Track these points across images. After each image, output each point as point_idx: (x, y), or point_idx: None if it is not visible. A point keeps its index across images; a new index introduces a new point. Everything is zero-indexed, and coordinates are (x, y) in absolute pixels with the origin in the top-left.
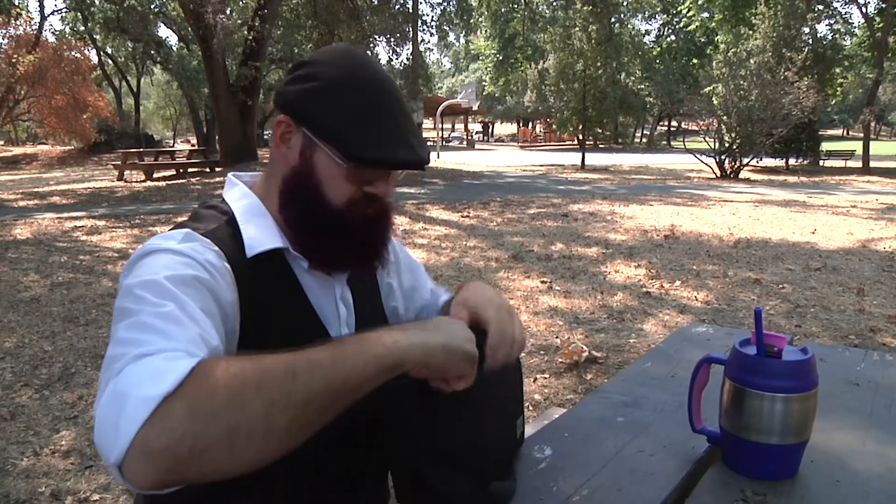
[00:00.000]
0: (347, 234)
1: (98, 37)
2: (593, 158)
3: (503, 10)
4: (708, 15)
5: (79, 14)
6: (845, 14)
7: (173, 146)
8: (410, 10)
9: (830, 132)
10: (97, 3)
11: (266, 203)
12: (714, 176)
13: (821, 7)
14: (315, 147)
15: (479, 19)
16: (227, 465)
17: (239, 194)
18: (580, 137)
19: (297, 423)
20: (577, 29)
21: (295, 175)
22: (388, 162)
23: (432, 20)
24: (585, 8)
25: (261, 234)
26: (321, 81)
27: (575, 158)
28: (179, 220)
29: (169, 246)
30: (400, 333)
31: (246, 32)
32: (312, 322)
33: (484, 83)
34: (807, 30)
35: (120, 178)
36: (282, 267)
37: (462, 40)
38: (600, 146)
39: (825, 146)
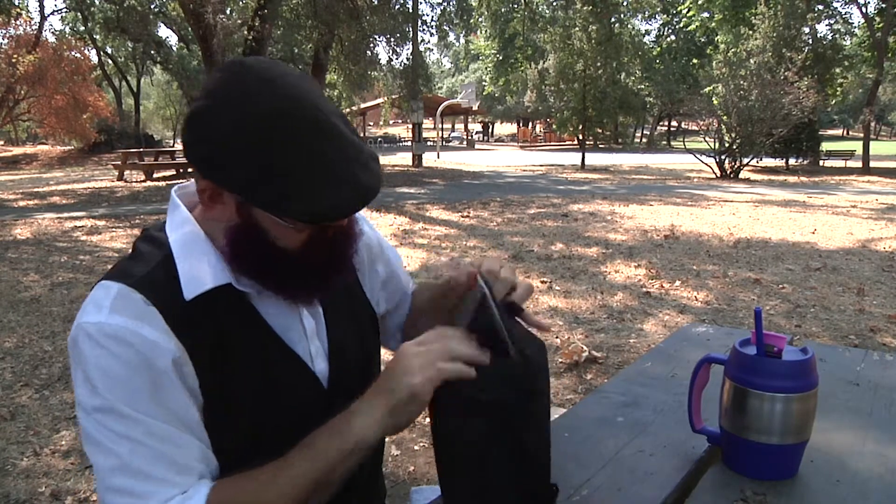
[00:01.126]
0: (309, 269)
1: (98, 37)
2: (593, 158)
3: (503, 10)
4: (708, 15)
5: (79, 14)
6: (845, 14)
7: (173, 146)
8: (410, 10)
9: (830, 132)
10: (97, 3)
11: (205, 225)
12: (714, 176)
13: (821, 7)
14: (250, 207)
15: (479, 19)
16: None
17: (178, 221)
18: (580, 137)
19: None
20: (577, 29)
21: (238, 232)
22: (332, 216)
23: (432, 20)
24: (585, 8)
25: (200, 271)
26: (222, 132)
27: (575, 158)
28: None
29: (99, 321)
30: (354, 418)
31: (246, 32)
32: (277, 347)
33: (484, 83)
34: (807, 30)
35: (120, 178)
36: (230, 299)
37: (462, 40)
38: (600, 146)
39: (825, 146)
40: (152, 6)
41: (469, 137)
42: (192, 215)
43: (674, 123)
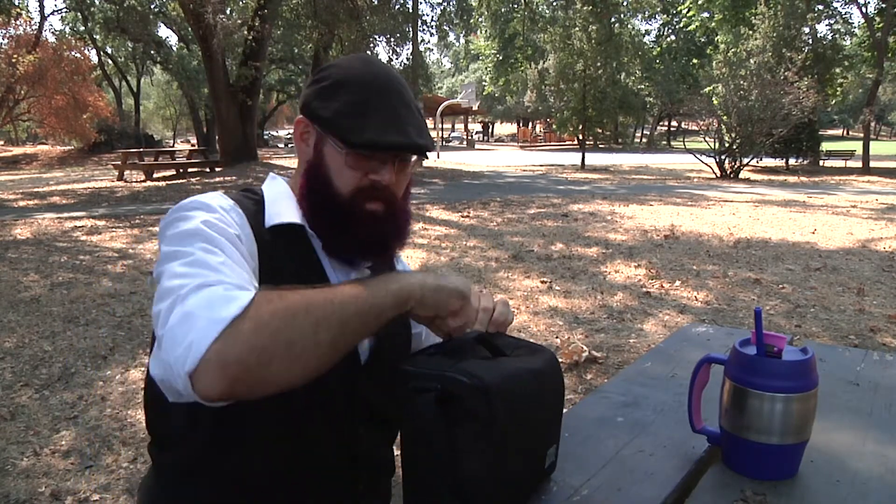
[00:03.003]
0: (352, 222)
1: (98, 37)
2: (593, 158)
3: (503, 10)
4: (708, 15)
5: (79, 14)
6: (845, 14)
7: (173, 146)
8: (410, 10)
9: (830, 132)
10: (97, 3)
11: (295, 193)
12: (714, 176)
13: (821, 7)
14: (324, 140)
15: (479, 19)
16: (285, 375)
17: (272, 184)
18: (580, 137)
19: (336, 342)
20: (577, 29)
21: (310, 167)
22: (378, 144)
23: (432, 20)
24: (585, 8)
25: (282, 210)
26: (328, 80)
27: (575, 158)
28: None
29: (206, 201)
30: (407, 276)
31: (246, 32)
32: None
33: (484, 83)
34: (807, 30)
35: (120, 178)
36: (302, 242)
37: (462, 40)
38: (600, 146)
39: (825, 146)
40: (152, 6)
41: (469, 137)
42: (286, 184)
43: (674, 123)
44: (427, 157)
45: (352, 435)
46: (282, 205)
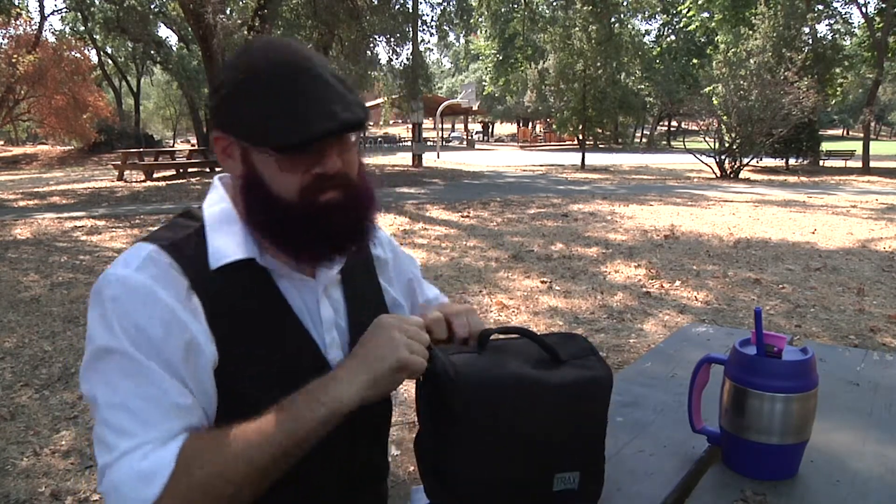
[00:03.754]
0: (311, 223)
1: (98, 37)
2: (593, 158)
3: (503, 10)
4: (708, 15)
5: (79, 14)
6: (845, 14)
7: (173, 146)
8: (410, 10)
9: (830, 132)
10: (97, 3)
11: (239, 208)
12: (714, 176)
13: (821, 7)
14: (250, 149)
15: (479, 19)
16: None
17: (215, 199)
18: (580, 137)
19: (266, 481)
20: (577, 29)
21: (245, 183)
22: (306, 140)
23: (432, 20)
24: (585, 8)
25: (227, 244)
26: (227, 87)
27: (575, 158)
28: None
29: (126, 274)
30: (333, 388)
31: (246, 32)
32: (294, 328)
33: (484, 83)
34: (807, 30)
35: (120, 178)
36: (254, 275)
37: (462, 40)
38: (600, 146)
39: (825, 146)
40: (152, 6)
41: (469, 137)
42: (228, 196)
43: (674, 123)
44: (364, 130)
45: (346, 450)
46: (224, 234)
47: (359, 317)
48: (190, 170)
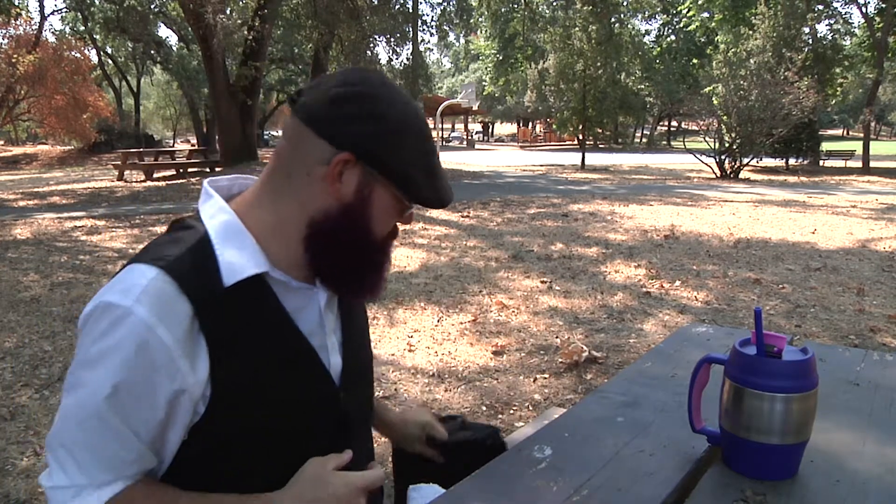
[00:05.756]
0: (379, 266)
1: (98, 37)
2: (593, 158)
3: (503, 10)
4: (708, 15)
5: (79, 14)
6: (845, 14)
7: (173, 146)
8: (410, 10)
9: (830, 132)
10: (97, 3)
11: (245, 219)
12: (714, 176)
13: (821, 7)
14: (375, 184)
15: (479, 19)
16: None
17: (214, 209)
18: (580, 137)
19: None
20: (577, 29)
21: (346, 210)
22: (441, 202)
23: (432, 20)
24: (585, 8)
25: (240, 258)
26: (389, 123)
27: (575, 158)
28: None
29: (124, 310)
30: None
31: (246, 32)
32: (297, 341)
33: (484, 83)
34: (807, 30)
35: (120, 178)
36: (260, 290)
37: (462, 40)
38: (600, 146)
39: (825, 146)
40: (152, 6)
41: (469, 137)
42: (229, 206)
43: (674, 123)
44: None
45: (339, 448)
46: (236, 248)
47: (350, 319)
48: (190, 170)
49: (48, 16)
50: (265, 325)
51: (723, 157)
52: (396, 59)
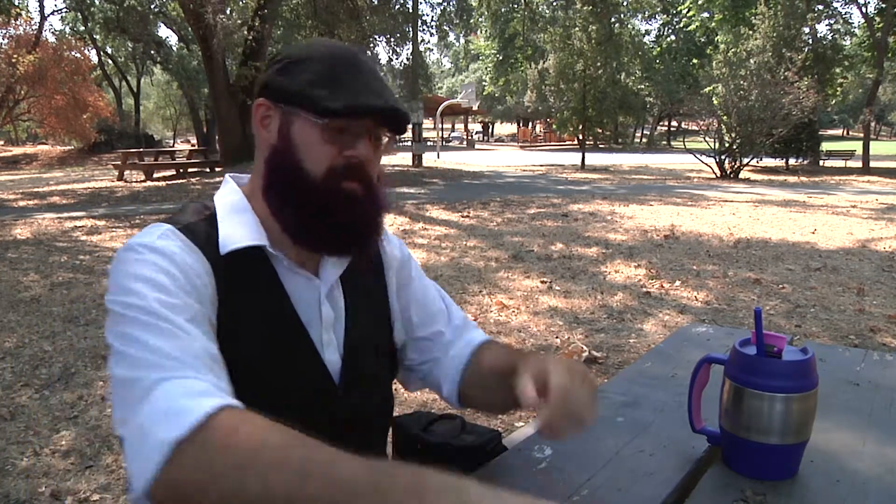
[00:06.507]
0: (328, 207)
1: (98, 37)
2: (593, 158)
3: (503, 10)
4: (708, 15)
5: (79, 14)
6: (845, 14)
7: (173, 146)
8: (410, 10)
9: (830, 132)
10: (97, 3)
11: (251, 200)
12: (714, 176)
13: (821, 7)
14: (291, 118)
15: (479, 19)
16: None
17: (227, 192)
18: (580, 137)
19: None
20: (577, 29)
21: (274, 153)
22: (358, 107)
23: (432, 20)
24: (585, 8)
25: (237, 230)
26: (290, 58)
27: (575, 158)
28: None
29: (148, 242)
30: (443, 497)
31: (246, 32)
32: (291, 321)
33: (484, 83)
34: (807, 30)
35: (120, 178)
36: (260, 265)
37: (462, 40)
38: (600, 146)
39: (825, 146)
40: (152, 6)
41: (469, 137)
42: (242, 191)
43: (674, 123)
44: (403, 132)
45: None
46: (235, 223)
47: (356, 323)
48: (190, 170)
49: (48, 16)
50: (262, 297)
51: (723, 157)
52: (396, 59)
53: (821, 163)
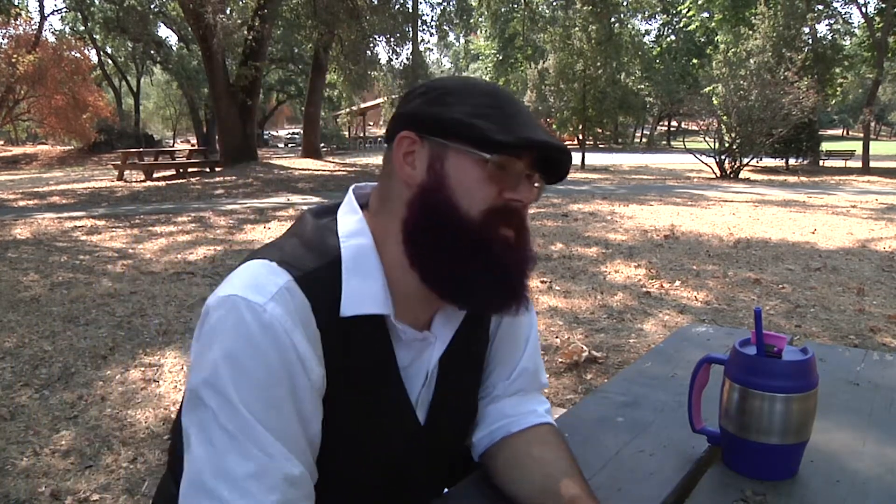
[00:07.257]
0: (484, 251)
1: (98, 37)
2: (593, 158)
3: (503, 10)
4: (708, 15)
5: (79, 14)
6: (845, 14)
7: (173, 146)
8: (410, 10)
9: (830, 132)
10: (97, 3)
11: (381, 246)
12: (714, 176)
13: (821, 7)
14: (445, 153)
15: (479, 19)
16: None
17: (354, 228)
18: (580, 137)
19: None
20: (577, 29)
21: (422, 193)
22: (534, 141)
23: (432, 20)
24: (585, 8)
25: (363, 292)
26: (445, 89)
27: (574, 158)
28: (282, 229)
29: (258, 304)
30: None
31: (246, 32)
32: (397, 392)
33: None
34: (807, 30)
35: (120, 177)
36: (377, 333)
37: (462, 40)
38: (600, 146)
39: (825, 146)
40: (152, 6)
41: None
42: (366, 221)
43: (674, 123)
44: (560, 180)
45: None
46: (362, 279)
47: (454, 376)
48: (190, 170)
49: (48, 16)
50: (372, 368)
51: (723, 157)
52: (396, 59)
53: (821, 163)
